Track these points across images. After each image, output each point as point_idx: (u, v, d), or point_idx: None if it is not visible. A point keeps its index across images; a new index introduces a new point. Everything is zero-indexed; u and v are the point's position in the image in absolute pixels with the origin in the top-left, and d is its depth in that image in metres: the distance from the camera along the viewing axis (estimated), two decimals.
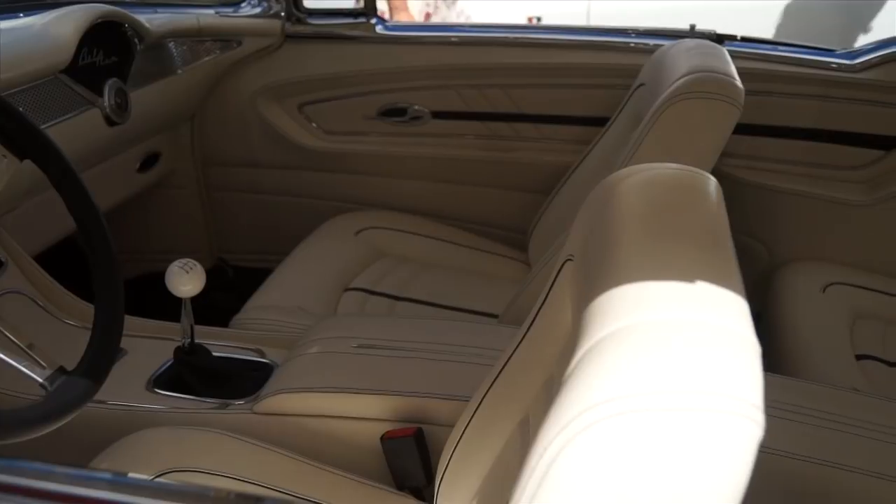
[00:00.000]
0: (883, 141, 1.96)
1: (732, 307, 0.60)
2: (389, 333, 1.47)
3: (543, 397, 0.88)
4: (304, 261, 1.95)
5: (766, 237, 2.08)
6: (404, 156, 2.21)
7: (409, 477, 1.23)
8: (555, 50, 2.13)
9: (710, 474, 0.53)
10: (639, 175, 0.83)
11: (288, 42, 2.17)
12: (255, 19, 2.15)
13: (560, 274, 0.91)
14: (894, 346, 1.75)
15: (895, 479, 1.16)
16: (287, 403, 1.31)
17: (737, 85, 1.45)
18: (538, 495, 0.55)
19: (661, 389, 0.53)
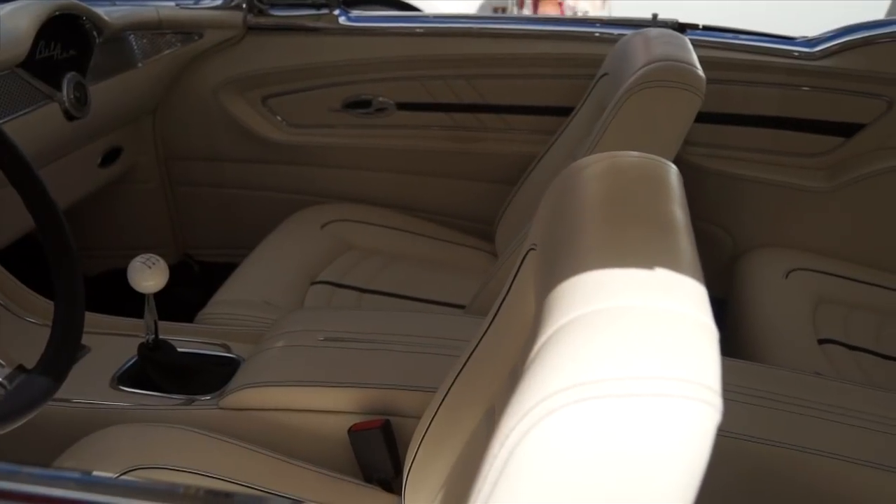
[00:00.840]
0: (843, 128, 1.98)
1: (691, 293, 0.60)
2: (356, 326, 1.47)
3: (508, 386, 0.88)
4: (269, 255, 1.93)
5: (730, 224, 2.10)
6: (370, 148, 2.20)
7: (377, 469, 1.23)
8: (519, 40, 2.13)
9: (669, 459, 0.53)
10: (599, 164, 0.84)
11: (250, 34, 2.15)
12: (216, 11, 2.13)
13: (523, 263, 0.91)
14: (856, 330, 1.78)
15: (857, 461, 1.18)
16: (253, 398, 1.30)
17: (698, 74, 1.46)
18: (499, 483, 0.56)
19: (620, 376, 0.53)
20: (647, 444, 0.53)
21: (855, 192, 1.97)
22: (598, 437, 0.53)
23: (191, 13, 2.09)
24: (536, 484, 0.54)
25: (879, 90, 1.93)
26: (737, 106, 2.03)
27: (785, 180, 2.02)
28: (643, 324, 0.56)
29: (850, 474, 1.18)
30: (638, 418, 0.52)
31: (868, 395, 1.37)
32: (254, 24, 2.15)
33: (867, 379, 1.64)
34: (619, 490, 0.54)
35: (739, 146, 2.07)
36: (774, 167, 2.05)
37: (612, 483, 0.54)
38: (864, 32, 1.95)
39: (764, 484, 1.20)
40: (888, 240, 2.01)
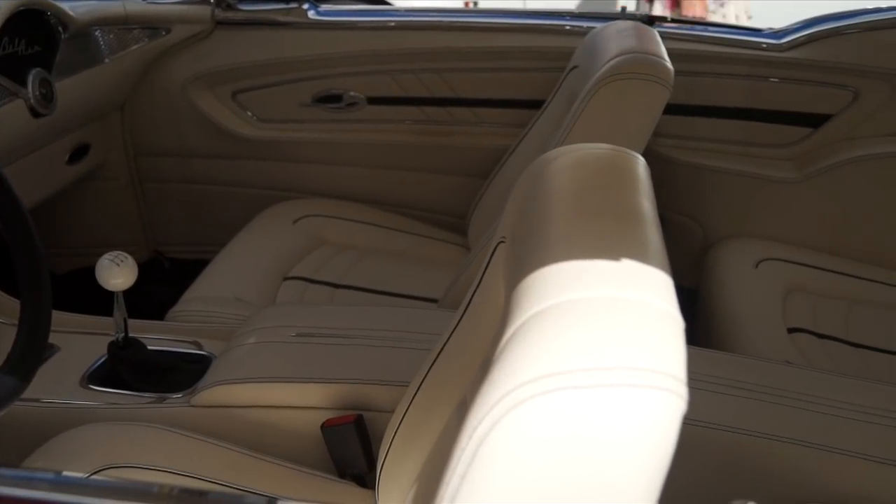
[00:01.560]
0: (810, 118, 2.01)
1: (657, 284, 0.61)
2: (328, 321, 1.46)
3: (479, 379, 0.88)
4: (241, 251, 1.92)
5: (700, 215, 2.12)
6: (341, 142, 2.20)
7: (350, 464, 1.22)
8: (490, 33, 2.13)
9: (636, 448, 0.53)
10: (567, 156, 0.84)
11: (219, 29, 2.13)
12: (183, 6, 2.11)
13: (493, 256, 0.91)
14: (824, 318, 1.80)
15: (827, 449, 1.19)
16: (225, 395, 1.29)
17: (666, 66, 1.47)
18: (468, 476, 0.56)
19: (586, 367, 0.53)
20: (614, 434, 0.53)
21: (822, 182, 1.99)
22: (565, 428, 0.53)
23: (158, 8, 2.08)
24: (505, 475, 0.55)
25: (845, 81, 1.95)
26: (706, 97, 2.05)
27: (754, 171, 2.04)
28: (609, 314, 0.56)
29: (819, 462, 1.19)
30: (605, 408, 0.53)
31: (837, 382, 1.39)
32: (222, 18, 2.13)
33: (837, 367, 1.66)
34: (588, 480, 0.54)
35: (709, 137, 2.09)
36: (743, 158, 2.07)
37: (580, 473, 0.54)
38: (831, 24, 1.97)
39: (734, 472, 1.21)
40: (855, 229, 2.03)
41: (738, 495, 1.22)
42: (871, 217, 2.02)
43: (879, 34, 1.94)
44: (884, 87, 1.93)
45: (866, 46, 1.94)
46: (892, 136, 1.96)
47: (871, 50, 1.94)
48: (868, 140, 1.97)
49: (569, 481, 0.54)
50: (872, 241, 2.03)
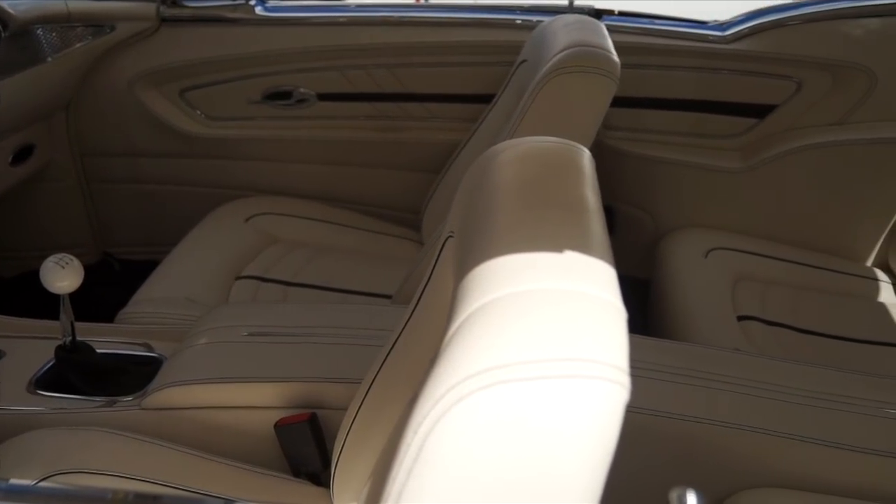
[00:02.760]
0: (756, 109, 2.04)
1: (600, 275, 0.61)
2: (281, 320, 1.45)
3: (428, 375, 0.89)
4: (192, 250, 1.90)
5: (651, 207, 2.14)
6: (292, 139, 2.18)
7: (305, 463, 1.22)
8: (440, 28, 2.13)
9: (580, 438, 0.54)
10: (513, 150, 0.84)
11: (164, 26, 2.10)
12: (127, 3, 2.07)
13: (443, 252, 0.91)
14: (773, 306, 1.83)
15: (777, 434, 1.21)
16: (176, 397, 1.28)
17: (612, 59, 1.48)
18: (414, 471, 0.56)
19: (528, 359, 0.53)
20: (557, 425, 0.53)
21: (768, 171, 2.03)
22: (509, 421, 0.53)
23: (101, 5, 2.04)
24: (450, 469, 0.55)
25: (789, 72, 1.99)
26: (654, 90, 2.07)
27: (702, 162, 2.07)
28: (552, 306, 0.57)
29: (770, 446, 1.21)
30: (547, 400, 0.53)
31: (786, 368, 1.41)
32: (168, 15, 2.10)
33: (785, 353, 1.69)
34: (533, 471, 0.54)
35: (658, 129, 2.11)
36: (692, 149, 2.09)
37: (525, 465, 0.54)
38: (774, 15, 2.00)
39: (687, 460, 1.23)
40: (801, 217, 2.07)
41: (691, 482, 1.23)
42: (815, 205, 2.06)
43: (820, 25, 1.98)
44: (825, 78, 1.97)
45: (807, 37, 1.98)
46: (834, 125, 2.00)
47: (812, 41, 1.98)
48: (811, 130, 2.01)
49: (514, 473, 0.54)
50: (817, 229, 2.07)
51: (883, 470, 1.19)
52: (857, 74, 1.96)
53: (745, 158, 2.06)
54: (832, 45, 1.97)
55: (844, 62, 1.95)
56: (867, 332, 1.78)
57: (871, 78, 1.95)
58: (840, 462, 1.21)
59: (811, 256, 2.04)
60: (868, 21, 1.97)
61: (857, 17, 1.98)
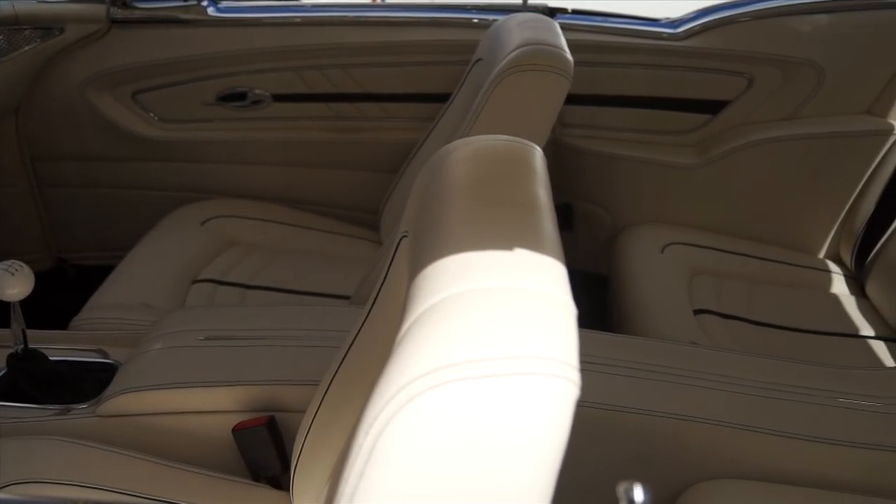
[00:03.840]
0: (709, 105, 2.07)
1: (549, 272, 0.61)
2: (238, 323, 1.44)
3: None
4: (147, 255, 1.88)
5: (608, 203, 2.16)
6: (248, 141, 2.16)
7: (264, 467, 1.21)
8: (395, 28, 2.12)
9: (531, 435, 0.54)
10: (465, 148, 0.84)
11: (115, 28, 2.07)
12: (76, 5, 2.04)
13: (398, 251, 0.91)
14: (728, 299, 1.86)
15: (733, 425, 1.23)
16: (132, 403, 1.26)
17: (566, 57, 1.49)
18: (366, 472, 0.56)
19: (478, 357, 0.54)
20: (508, 422, 0.54)
21: (722, 166, 2.05)
22: (460, 419, 0.53)
23: (50, 7, 2.00)
24: (402, 470, 0.55)
25: (741, 68, 2.01)
26: (609, 87, 2.09)
27: (657, 158, 2.09)
28: (501, 304, 0.57)
29: (726, 438, 1.23)
30: (498, 398, 0.53)
31: (740, 360, 1.43)
32: (118, 17, 2.07)
33: (740, 345, 1.71)
34: (485, 469, 0.55)
35: (614, 126, 2.13)
36: (647, 146, 2.11)
37: (477, 463, 0.54)
38: (725, 12, 2.03)
39: (645, 453, 1.24)
40: (754, 211, 2.10)
41: (650, 476, 1.25)
42: (768, 199, 2.09)
43: (769, 22, 2.01)
44: (776, 73, 2.00)
45: (757, 34, 2.01)
46: (785, 120, 2.04)
47: (762, 37, 2.01)
48: (763, 125, 2.04)
49: (466, 472, 0.54)
50: (771, 222, 2.11)
51: (835, 458, 1.22)
52: (806, 70, 1.99)
53: (700, 154, 2.08)
54: (781, 42, 2.00)
55: (793, 58, 1.99)
56: (820, 323, 1.81)
57: (820, 73, 1.98)
58: (794, 451, 1.22)
59: (765, 249, 2.07)
60: (816, 17, 2.01)
61: (806, 14, 2.01)
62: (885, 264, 1.84)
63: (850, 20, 2.01)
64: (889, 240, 1.86)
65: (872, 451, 1.22)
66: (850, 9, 2.00)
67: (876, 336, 1.77)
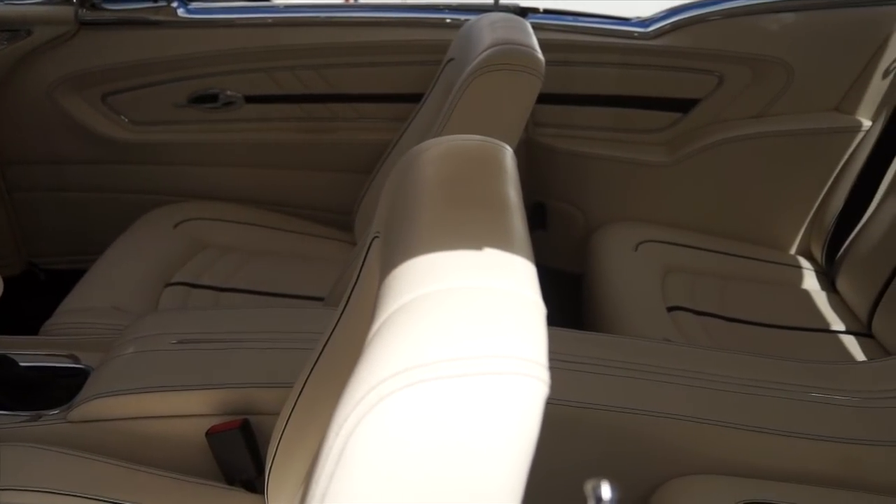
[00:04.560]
0: (680, 103, 2.08)
1: (519, 271, 0.61)
2: (211, 326, 1.43)
3: None
4: (119, 258, 1.86)
5: (582, 202, 2.17)
6: (220, 143, 2.15)
7: (238, 470, 1.20)
8: (367, 28, 2.12)
9: (499, 434, 0.54)
10: (435, 148, 0.84)
11: (84, 29, 2.05)
12: (44, 6, 2.01)
13: (369, 252, 0.91)
14: (702, 296, 1.87)
15: (706, 422, 1.23)
16: (104, 408, 1.25)
17: (537, 56, 1.49)
18: (336, 474, 0.56)
19: (447, 357, 0.54)
20: (477, 422, 0.54)
21: (693, 164, 2.07)
22: (430, 419, 0.53)
23: (16, 9, 1.98)
24: (373, 471, 0.55)
25: (711, 66, 2.03)
26: (581, 86, 2.10)
27: (630, 156, 2.10)
28: (470, 304, 0.57)
29: (699, 434, 1.24)
30: (468, 397, 0.53)
31: (713, 357, 1.44)
32: (87, 18, 2.04)
33: (713, 342, 1.73)
34: (454, 468, 0.55)
35: (587, 125, 2.14)
36: (620, 144, 2.13)
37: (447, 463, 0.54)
38: (695, 11, 2.04)
39: (618, 449, 1.24)
40: (726, 208, 2.12)
41: (623, 473, 1.25)
42: (739, 196, 2.11)
43: (739, 20, 2.03)
44: (745, 71, 2.02)
45: (727, 32, 2.03)
46: (755, 118, 2.06)
47: (731, 36, 2.03)
48: (734, 122, 2.06)
49: (436, 472, 0.54)
50: (743, 220, 2.12)
51: (808, 452, 1.23)
52: (775, 68, 2.01)
53: (672, 152, 2.10)
54: (751, 40, 2.02)
55: (763, 56, 2.00)
56: (792, 319, 1.83)
57: (789, 71, 2.00)
58: (767, 446, 1.24)
59: (737, 246, 2.09)
60: (785, 16, 2.03)
61: (775, 13, 2.03)
62: (855, 260, 1.86)
63: (818, 18, 2.03)
64: (858, 235, 1.88)
65: (844, 445, 1.23)
66: (818, 7, 2.03)
67: (846, 331, 1.79)
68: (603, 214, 2.15)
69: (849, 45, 2.01)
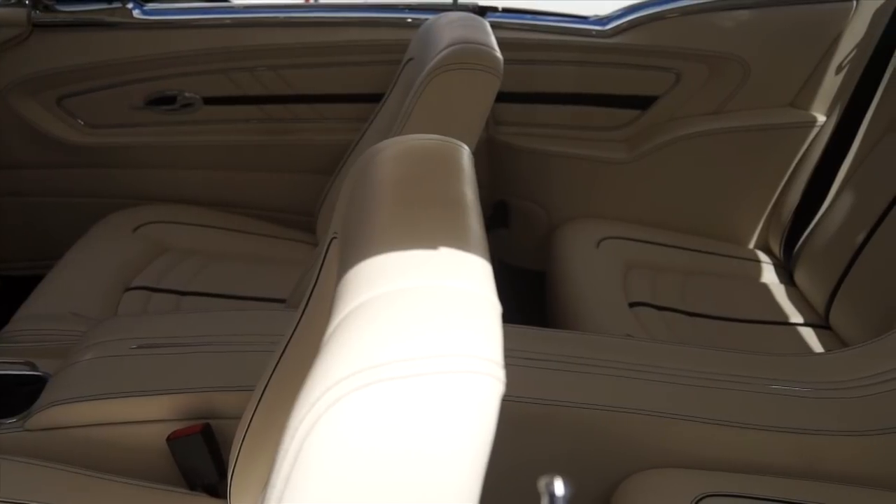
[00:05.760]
0: (639, 101, 2.10)
1: (474, 270, 0.62)
2: (172, 330, 1.42)
3: None
4: (77, 263, 1.84)
5: (543, 199, 2.18)
6: (179, 145, 2.13)
7: (201, 475, 1.19)
8: (327, 28, 2.11)
9: (455, 433, 0.54)
10: (392, 148, 0.84)
11: (37, 32, 2.01)
12: None
13: (328, 253, 0.90)
14: (663, 291, 1.89)
15: (667, 416, 1.24)
16: (62, 416, 1.23)
17: (495, 55, 1.50)
18: (292, 477, 0.55)
19: (402, 357, 0.54)
20: (433, 421, 0.54)
21: (653, 160, 2.09)
22: (385, 421, 0.53)
23: None
24: (328, 474, 0.54)
25: (668, 64, 2.05)
26: (541, 85, 2.11)
27: (590, 154, 2.12)
28: (425, 304, 0.57)
29: (661, 428, 1.24)
30: (422, 397, 0.53)
31: (674, 351, 1.45)
32: (40, 21, 2.01)
33: (675, 336, 1.74)
34: (411, 469, 0.55)
35: (547, 123, 2.15)
36: (580, 142, 2.14)
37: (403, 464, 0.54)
38: (652, 9, 2.06)
39: (581, 445, 1.25)
40: (686, 204, 2.14)
41: (587, 469, 1.26)
42: (698, 192, 2.13)
43: (695, 17, 2.05)
44: (702, 69, 2.04)
45: (684, 30, 2.05)
46: (712, 114, 2.08)
47: (688, 33, 2.05)
48: (692, 119, 2.08)
49: (392, 473, 0.54)
50: (702, 215, 2.15)
51: (768, 443, 1.24)
52: (731, 64, 2.03)
53: (631, 149, 2.11)
54: (707, 37, 2.04)
55: (719, 53, 2.03)
56: (751, 312, 1.85)
57: (745, 68, 2.03)
58: (728, 438, 1.25)
59: (697, 241, 2.11)
60: (740, 13, 2.05)
61: (731, 10, 2.06)
62: (812, 253, 1.89)
63: (773, 15, 2.06)
64: (815, 229, 1.91)
65: (804, 436, 1.24)
66: (773, 4, 2.05)
67: (805, 323, 1.82)
68: (565, 212, 2.16)
69: (803, 42, 2.04)
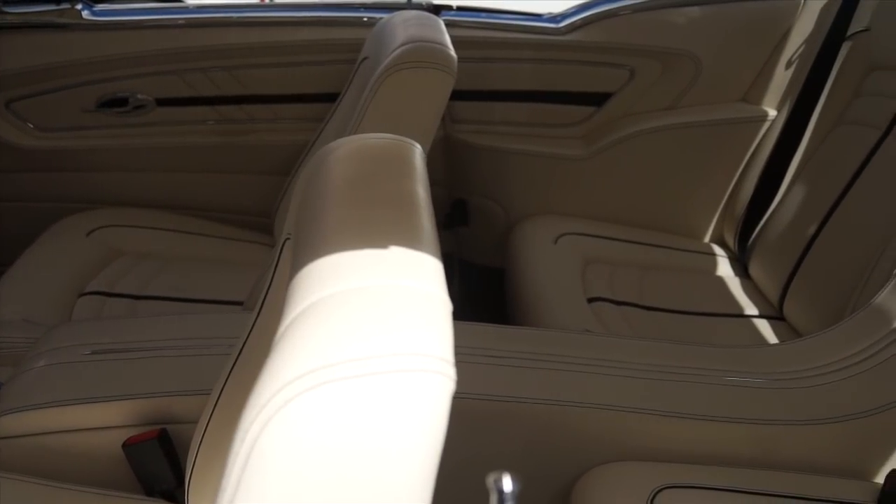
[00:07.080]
0: (594, 97, 2.11)
1: (425, 269, 0.62)
2: (127, 335, 1.40)
3: None
4: (29, 269, 1.80)
5: (501, 197, 2.19)
6: (133, 148, 2.10)
7: (158, 481, 1.18)
8: (281, 28, 2.10)
9: (406, 432, 0.54)
10: (344, 148, 0.84)
11: None
12: None
13: (282, 254, 0.90)
14: (621, 286, 1.91)
15: (626, 409, 1.25)
16: (14, 425, 1.21)
17: (449, 53, 1.50)
18: (243, 481, 0.55)
19: (352, 357, 0.53)
20: (384, 421, 0.54)
21: (609, 156, 2.11)
22: (336, 422, 0.53)
23: None
24: (280, 476, 0.54)
25: (622, 60, 2.07)
26: (497, 83, 2.11)
27: (547, 151, 2.13)
28: (375, 303, 0.57)
29: (620, 422, 1.25)
30: (372, 396, 0.53)
31: (632, 345, 1.47)
32: None
33: (633, 331, 1.76)
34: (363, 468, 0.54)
35: (504, 121, 2.16)
36: (537, 139, 2.15)
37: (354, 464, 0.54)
38: (604, 6, 2.08)
39: (540, 441, 1.26)
40: (642, 199, 2.16)
41: (546, 464, 1.27)
42: (654, 187, 2.15)
43: (647, 14, 2.07)
44: (655, 65, 2.06)
45: (636, 27, 2.07)
46: (666, 110, 2.10)
47: (640, 30, 2.07)
48: (646, 115, 2.10)
49: (344, 473, 0.54)
50: (658, 210, 2.17)
51: (723, 434, 1.26)
52: (683, 61, 2.06)
53: (587, 145, 2.13)
54: (659, 34, 2.06)
55: (671, 49, 2.05)
56: (707, 305, 1.87)
57: (697, 64, 2.05)
58: (686, 431, 1.26)
59: (654, 236, 2.13)
60: (691, 10, 2.08)
61: (682, 6, 2.08)
62: (765, 245, 1.92)
63: (723, 12, 2.09)
64: (768, 222, 1.94)
65: (760, 426, 1.26)
66: (723, 1, 2.08)
67: (759, 314, 1.84)
68: (523, 209, 2.17)
69: (753, 38, 2.07)
